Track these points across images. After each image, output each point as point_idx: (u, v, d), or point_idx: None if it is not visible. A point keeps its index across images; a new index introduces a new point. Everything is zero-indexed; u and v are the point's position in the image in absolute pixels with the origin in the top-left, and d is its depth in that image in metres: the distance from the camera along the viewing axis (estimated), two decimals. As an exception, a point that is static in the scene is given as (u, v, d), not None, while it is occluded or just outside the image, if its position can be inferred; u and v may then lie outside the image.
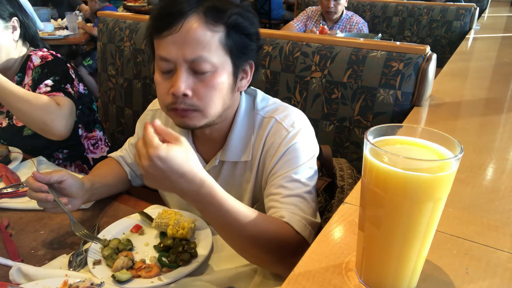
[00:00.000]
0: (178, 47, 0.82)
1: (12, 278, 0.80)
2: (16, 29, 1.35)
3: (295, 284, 0.53)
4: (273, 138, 0.95)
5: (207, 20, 0.82)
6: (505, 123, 1.10)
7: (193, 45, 0.82)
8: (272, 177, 0.94)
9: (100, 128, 1.63)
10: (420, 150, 0.48)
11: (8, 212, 1.06)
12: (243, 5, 0.89)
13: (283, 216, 0.84)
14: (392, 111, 1.19)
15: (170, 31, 0.82)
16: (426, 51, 1.17)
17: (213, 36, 0.83)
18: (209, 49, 0.82)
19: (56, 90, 1.30)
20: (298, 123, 0.96)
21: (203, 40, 0.82)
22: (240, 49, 0.87)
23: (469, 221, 0.65)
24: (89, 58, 3.93)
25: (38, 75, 1.34)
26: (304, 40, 1.32)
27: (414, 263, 0.49)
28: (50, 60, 1.38)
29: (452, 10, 2.89)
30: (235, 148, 0.97)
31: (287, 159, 0.92)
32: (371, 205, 0.48)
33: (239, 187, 1.01)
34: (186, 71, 0.84)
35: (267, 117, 0.97)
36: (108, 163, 1.18)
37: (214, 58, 0.83)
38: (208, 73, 0.84)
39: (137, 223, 1.00)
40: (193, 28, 0.81)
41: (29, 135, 1.39)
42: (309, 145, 0.96)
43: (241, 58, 0.89)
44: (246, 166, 0.99)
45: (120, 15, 1.71)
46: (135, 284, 0.81)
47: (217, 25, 0.83)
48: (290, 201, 0.88)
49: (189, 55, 0.82)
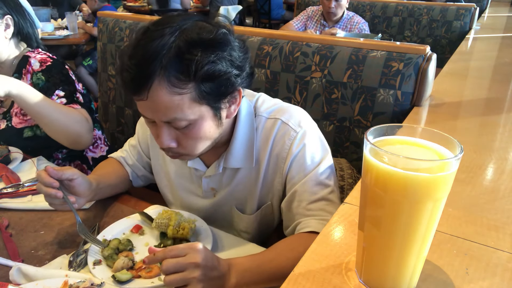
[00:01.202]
0: (151, 111, 0.81)
1: (12, 278, 0.80)
2: (9, 27, 1.34)
3: (295, 284, 0.53)
4: (282, 140, 0.94)
5: (173, 84, 0.76)
6: (505, 123, 1.10)
7: (163, 111, 0.79)
8: (291, 181, 0.94)
9: (99, 128, 1.63)
10: (420, 150, 0.48)
11: (8, 212, 1.06)
12: (213, 39, 0.78)
13: (314, 228, 0.87)
14: (392, 111, 1.19)
15: (139, 97, 0.79)
16: (426, 51, 1.17)
17: (183, 98, 0.78)
18: (181, 110, 0.79)
19: (73, 102, 1.34)
20: (304, 122, 0.95)
21: (172, 105, 0.78)
22: (216, 94, 0.82)
23: (469, 221, 0.65)
24: (89, 58, 3.93)
25: (43, 83, 1.35)
26: (304, 40, 1.32)
27: (414, 263, 0.49)
28: (50, 64, 1.38)
29: (452, 10, 2.89)
30: (238, 155, 0.96)
31: (303, 161, 0.92)
32: (371, 205, 0.48)
33: (243, 191, 1.01)
34: (166, 126, 0.83)
35: (271, 118, 0.96)
36: (110, 163, 1.18)
37: (189, 115, 0.80)
38: (188, 126, 0.82)
39: (137, 223, 1.00)
40: (159, 96, 0.77)
41: (29, 137, 1.39)
42: (320, 143, 0.97)
43: (221, 99, 0.84)
44: (251, 171, 0.98)
45: (120, 15, 1.71)
46: (135, 285, 0.81)
47: (185, 85, 0.77)
48: (317, 206, 0.90)
49: (163, 118, 0.81)
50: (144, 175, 1.18)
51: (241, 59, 0.83)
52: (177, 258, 0.73)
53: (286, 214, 0.97)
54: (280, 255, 0.83)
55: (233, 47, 0.82)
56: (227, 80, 0.81)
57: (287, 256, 0.82)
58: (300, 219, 0.91)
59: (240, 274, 0.78)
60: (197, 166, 1.01)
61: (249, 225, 1.04)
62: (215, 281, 0.75)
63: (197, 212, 1.05)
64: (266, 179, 0.98)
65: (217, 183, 1.02)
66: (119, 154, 1.19)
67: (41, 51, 1.42)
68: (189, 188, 1.07)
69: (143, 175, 1.18)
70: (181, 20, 0.79)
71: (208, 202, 1.06)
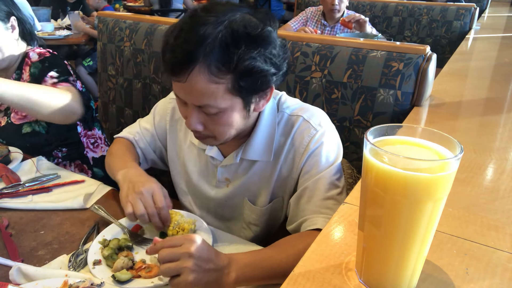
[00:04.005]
0: (186, 93, 0.83)
1: (12, 278, 0.80)
2: (15, 28, 1.36)
3: (295, 284, 0.53)
4: (301, 136, 0.95)
5: (213, 73, 0.79)
6: (505, 123, 1.10)
7: (198, 95, 0.81)
8: (303, 177, 0.96)
9: (99, 127, 1.64)
10: (420, 150, 0.48)
11: (8, 212, 1.06)
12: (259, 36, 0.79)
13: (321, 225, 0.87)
14: (392, 111, 1.19)
15: (178, 79, 0.81)
16: (426, 51, 1.17)
17: (218, 88, 0.80)
18: (215, 98, 0.81)
19: (64, 81, 1.33)
20: (325, 123, 0.98)
21: (207, 92, 0.80)
22: (251, 89, 0.84)
23: (469, 221, 0.65)
24: (89, 59, 3.92)
25: (38, 70, 1.35)
26: (304, 40, 1.32)
27: (414, 263, 0.49)
28: (48, 56, 1.39)
29: (452, 10, 2.89)
30: (258, 147, 0.98)
31: (317, 158, 0.94)
32: (371, 205, 0.48)
33: (257, 183, 1.02)
34: (196, 110, 0.85)
35: (294, 115, 0.98)
36: (125, 146, 1.16)
37: (221, 104, 0.82)
38: (217, 114, 0.85)
39: (137, 223, 1.00)
40: (197, 82, 0.79)
41: (27, 133, 1.39)
42: (337, 145, 0.99)
43: (255, 93, 0.87)
44: (268, 164, 1.00)
45: (120, 15, 1.71)
46: (135, 284, 0.81)
47: (223, 76, 0.79)
48: (326, 205, 0.92)
49: (196, 102, 0.83)
50: (152, 159, 1.19)
51: (280, 58, 0.85)
52: (172, 248, 0.75)
53: (293, 210, 0.98)
54: (280, 252, 0.83)
55: (275, 45, 0.83)
56: (264, 77, 0.83)
57: (288, 253, 0.82)
58: (308, 216, 0.92)
59: (241, 269, 0.78)
60: (214, 155, 1.02)
61: (259, 217, 1.05)
62: (211, 273, 0.75)
63: (208, 201, 1.06)
64: (282, 173, 0.99)
65: (232, 173, 1.03)
66: (130, 136, 1.17)
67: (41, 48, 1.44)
68: (204, 176, 1.09)
69: (151, 159, 1.19)
70: (229, 10, 0.80)
71: (220, 192, 1.07)
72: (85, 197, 1.09)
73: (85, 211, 1.07)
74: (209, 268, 0.75)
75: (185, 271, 0.72)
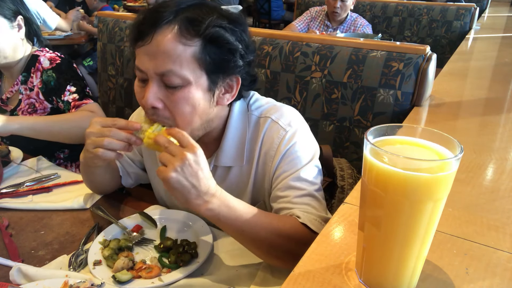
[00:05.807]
0: (149, 59, 0.80)
1: (12, 279, 0.80)
2: (22, 27, 1.36)
3: (295, 284, 0.53)
4: (271, 138, 0.93)
5: (181, 33, 0.78)
6: (505, 123, 1.10)
7: (163, 58, 0.79)
8: (277, 179, 0.93)
9: (100, 127, 1.64)
10: (420, 150, 0.48)
11: (8, 212, 1.06)
12: (230, 15, 0.83)
13: (298, 216, 0.84)
14: (392, 111, 1.19)
15: (143, 42, 0.80)
16: (426, 51, 1.17)
17: (185, 50, 0.78)
18: (180, 63, 0.79)
19: (85, 97, 1.38)
20: (295, 122, 0.95)
21: (173, 54, 0.78)
22: (218, 64, 0.82)
23: (469, 221, 0.65)
24: (89, 59, 3.92)
25: (54, 81, 1.38)
26: (304, 40, 1.32)
27: (414, 263, 0.49)
28: (60, 62, 1.41)
29: (452, 10, 2.89)
30: (229, 153, 0.96)
31: (290, 159, 0.92)
32: (371, 205, 0.48)
33: (235, 190, 1.00)
34: (157, 83, 0.81)
35: (262, 116, 0.96)
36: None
37: (185, 72, 0.80)
38: (179, 87, 0.81)
39: (137, 223, 1.00)
40: (164, 40, 0.78)
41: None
42: (309, 143, 0.96)
43: (220, 73, 0.84)
44: (242, 169, 0.98)
45: (120, 15, 1.71)
46: (135, 285, 0.81)
47: (191, 38, 0.78)
48: (302, 200, 0.89)
49: (159, 68, 0.80)
50: (134, 172, 1.15)
51: (248, 47, 0.86)
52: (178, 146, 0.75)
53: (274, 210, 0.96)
54: (263, 216, 0.82)
55: (246, 31, 0.86)
56: (231, 54, 0.83)
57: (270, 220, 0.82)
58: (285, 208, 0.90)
59: (219, 206, 0.77)
60: None
61: None
62: (189, 188, 0.73)
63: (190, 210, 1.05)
64: (257, 178, 0.97)
65: None
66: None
67: (49, 50, 1.45)
68: None
69: (133, 172, 1.14)
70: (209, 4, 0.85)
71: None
72: (85, 197, 1.09)
73: (85, 211, 1.07)
74: (192, 183, 0.73)
75: (169, 168, 0.72)
